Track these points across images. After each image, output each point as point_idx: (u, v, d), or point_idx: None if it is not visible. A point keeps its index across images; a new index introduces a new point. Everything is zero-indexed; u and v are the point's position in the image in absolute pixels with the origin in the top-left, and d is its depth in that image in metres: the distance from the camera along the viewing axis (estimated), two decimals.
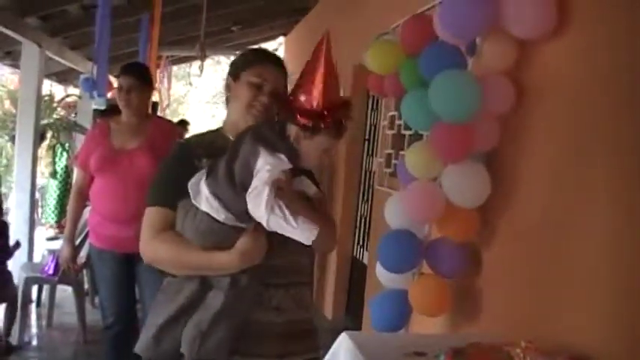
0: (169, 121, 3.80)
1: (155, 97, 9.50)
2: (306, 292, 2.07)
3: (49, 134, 8.64)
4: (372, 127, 5.88)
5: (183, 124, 9.60)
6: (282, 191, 1.75)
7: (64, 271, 4.42)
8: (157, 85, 9.52)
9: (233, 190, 1.77)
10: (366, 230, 5.51)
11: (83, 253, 4.49)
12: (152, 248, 1.92)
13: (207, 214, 1.80)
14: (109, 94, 6.72)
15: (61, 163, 8.71)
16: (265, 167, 1.72)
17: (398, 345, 2.43)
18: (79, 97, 8.77)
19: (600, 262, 2.11)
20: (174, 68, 13.88)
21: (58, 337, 5.02)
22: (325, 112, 1.74)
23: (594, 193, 2.18)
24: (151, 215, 1.94)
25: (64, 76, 9.23)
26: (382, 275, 3.15)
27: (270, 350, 1.90)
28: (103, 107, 7.55)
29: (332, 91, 1.78)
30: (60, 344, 4.88)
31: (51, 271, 4.91)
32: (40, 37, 6.34)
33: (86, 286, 5.54)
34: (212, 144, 1.97)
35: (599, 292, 2.12)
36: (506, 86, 2.58)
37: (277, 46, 14.56)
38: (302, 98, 1.76)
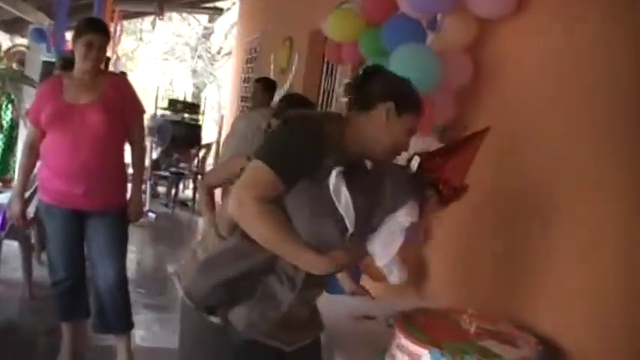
0: (122, 76, 3.75)
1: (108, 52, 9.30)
2: None
3: None
4: (326, 93, 5.90)
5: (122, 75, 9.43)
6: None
7: (12, 226, 4.36)
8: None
9: (371, 213, 1.85)
10: None
11: (31, 209, 4.42)
12: (251, 213, 1.75)
13: (337, 218, 1.79)
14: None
15: (7, 116, 8.48)
16: (407, 217, 1.84)
17: (348, 309, 2.50)
18: (27, 47, 8.53)
19: (553, 239, 2.21)
20: (125, 23, 13.59)
21: (3, 293, 4.95)
22: (460, 192, 1.96)
23: (549, 167, 2.26)
24: (262, 174, 1.77)
25: (11, 25, 8.96)
26: None
27: (300, 337, 2.02)
28: (53, 60, 7.37)
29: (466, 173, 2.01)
30: (5, 299, 4.82)
31: None
32: None
33: (32, 241, 5.46)
34: (341, 145, 1.85)
35: (544, 269, 2.22)
36: (465, 62, 2.65)
37: (230, 5, 14.37)
38: (450, 172, 1.94)
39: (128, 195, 3.64)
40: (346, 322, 2.32)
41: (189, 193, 10.25)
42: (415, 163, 1.93)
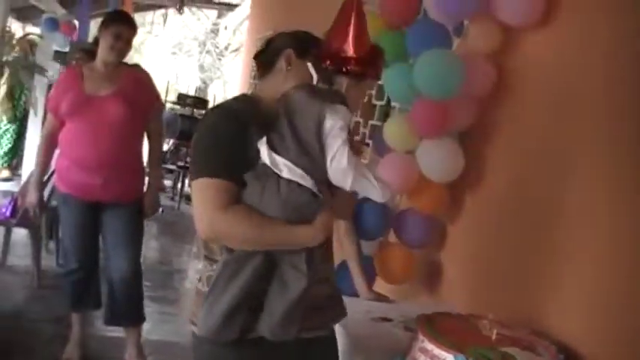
0: (142, 68, 3.74)
1: None
2: None
3: (6, 72, 8.38)
4: None
5: None
6: (352, 146, 1.73)
7: (24, 214, 4.38)
8: None
9: (306, 155, 1.69)
10: None
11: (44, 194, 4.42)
12: (225, 224, 1.67)
13: (296, 184, 1.66)
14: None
15: (20, 106, 8.50)
16: (337, 126, 1.69)
17: (365, 309, 2.51)
18: (40, 36, 8.53)
19: (571, 245, 2.22)
20: (135, 16, 13.62)
21: (10, 280, 4.95)
22: (371, 58, 1.77)
23: (564, 178, 2.28)
24: (211, 189, 1.68)
25: (23, 14, 8.97)
26: None
27: (324, 320, 1.93)
28: (65, 49, 7.40)
29: (368, 38, 1.80)
30: (12, 287, 4.82)
31: (8, 213, 4.85)
32: None
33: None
34: (258, 112, 1.78)
35: (559, 272, 2.24)
36: (488, 69, 2.66)
37: (241, 1, 14.38)
38: (345, 48, 1.75)
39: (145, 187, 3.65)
40: (365, 324, 2.33)
41: None
42: (309, 65, 1.79)
